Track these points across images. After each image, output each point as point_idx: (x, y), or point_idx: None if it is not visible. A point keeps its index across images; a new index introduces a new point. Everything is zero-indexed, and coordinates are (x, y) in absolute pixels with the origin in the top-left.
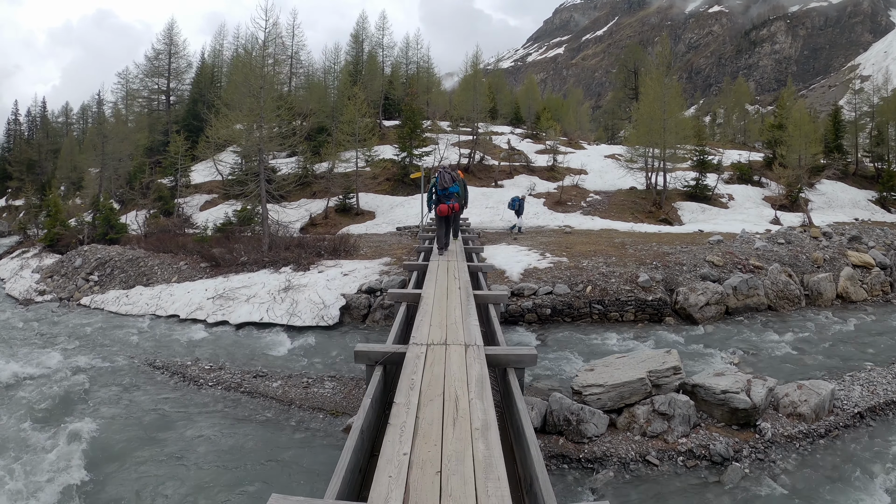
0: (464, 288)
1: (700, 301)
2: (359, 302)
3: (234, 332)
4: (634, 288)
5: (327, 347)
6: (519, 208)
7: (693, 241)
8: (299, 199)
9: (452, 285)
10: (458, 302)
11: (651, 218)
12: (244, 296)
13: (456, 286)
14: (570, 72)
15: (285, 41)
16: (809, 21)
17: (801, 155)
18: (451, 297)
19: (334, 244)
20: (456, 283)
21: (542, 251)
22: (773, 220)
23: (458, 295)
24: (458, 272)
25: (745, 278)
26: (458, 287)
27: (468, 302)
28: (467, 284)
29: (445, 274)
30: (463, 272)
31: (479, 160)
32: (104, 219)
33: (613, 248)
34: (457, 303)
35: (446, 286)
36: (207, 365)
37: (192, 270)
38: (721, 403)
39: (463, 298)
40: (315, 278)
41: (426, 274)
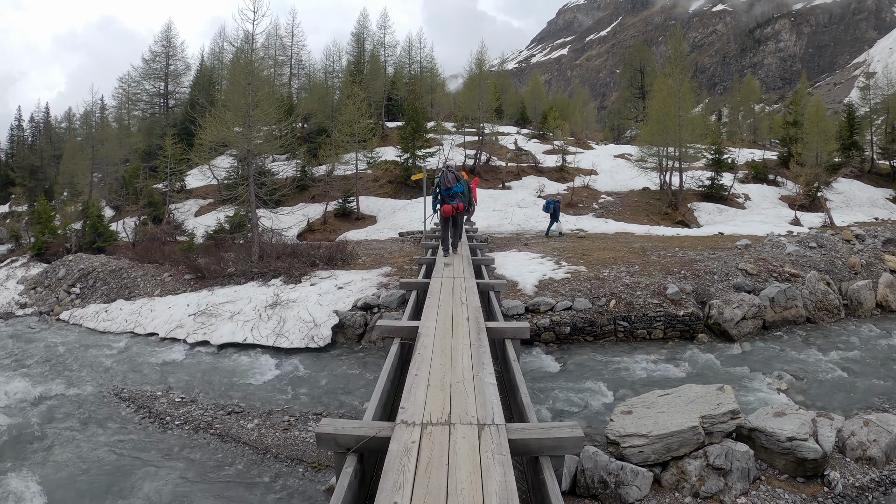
0: (473, 318)
1: (736, 315)
2: (353, 320)
3: (214, 353)
4: (663, 301)
5: (316, 374)
6: (555, 211)
7: (717, 246)
8: (297, 203)
9: (459, 314)
10: (468, 342)
11: (667, 220)
12: (228, 312)
13: (463, 315)
14: (575, 72)
15: (285, 41)
16: (814, 18)
17: (819, 152)
18: (458, 333)
19: (330, 252)
20: (463, 311)
21: (557, 258)
22: (792, 220)
23: (465, 329)
24: (466, 293)
25: (782, 288)
26: (466, 317)
27: (479, 341)
28: (477, 312)
29: (450, 296)
30: (471, 293)
31: (486, 161)
32: (92, 226)
33: (634, 255)
34: (465, 343)
35: (451, 314)
36: (178, 397)
37: (176, 283)
38: (786, 452)
39: (473, 336)
40: (306, 292)
41: (427, 296)
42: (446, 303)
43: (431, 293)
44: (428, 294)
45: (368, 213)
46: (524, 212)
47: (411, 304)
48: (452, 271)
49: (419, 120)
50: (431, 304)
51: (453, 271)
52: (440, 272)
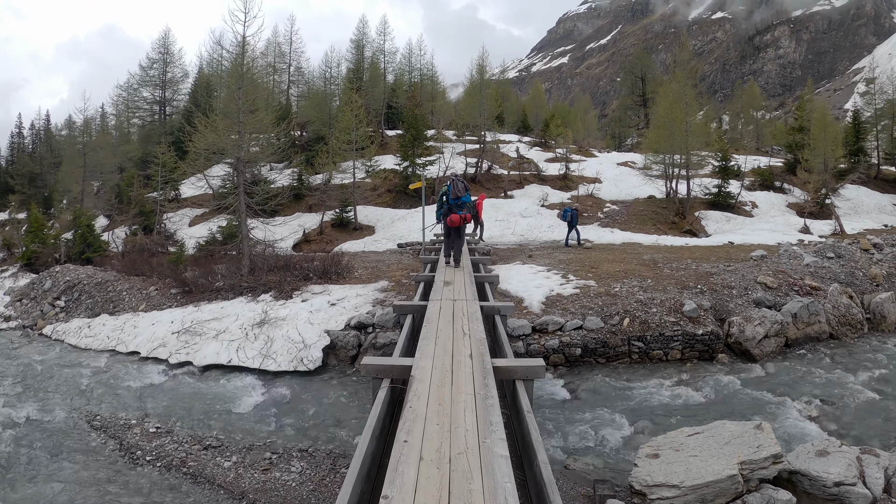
0: (477, 355)
1: (758, 333)
2: (346, 341)
3: (197, 376)
4: (680, 319)
5: (303, 402)
6: (572, 219)
7: (730, 257)
8: (294, 213)
9: (460, 348)
10: (471, 389)
11: (675, 229)
12: (213, 331)
13: (465, 350)
14: (575, 81)
15: (283, 48)
16: (813, 25)
17: (826, 158)
18: (459, 377)
19: (324, 265)
20: (465, 344)
21: (564, 272)
22: (802, 228)
23: (468, 370)
24: (468, 320)
25: (805, 303)
26: (469, 353)
27: (485, 389)
28: (481, 345)
29: (450, 323)
30: (474, 320)
31: (487, 169)
32: (81, 236)
33: (646, 268)
34: (467, 393)
35: (451, 349)
36: (154, 427)
37: (162, 297)
38: (832, 498)
39: (477, 380)
40: (296, 309)
41: (423, 322)
42: (445, 333)
43: (429, 319)
44: (425, 320)
45: (366, 223)
46: (527, 221)
47: (405, 333)
48: (453, 292)
49: (419, 127)
50: (428, 336)
51: (454, 292)
52: (439, 292)
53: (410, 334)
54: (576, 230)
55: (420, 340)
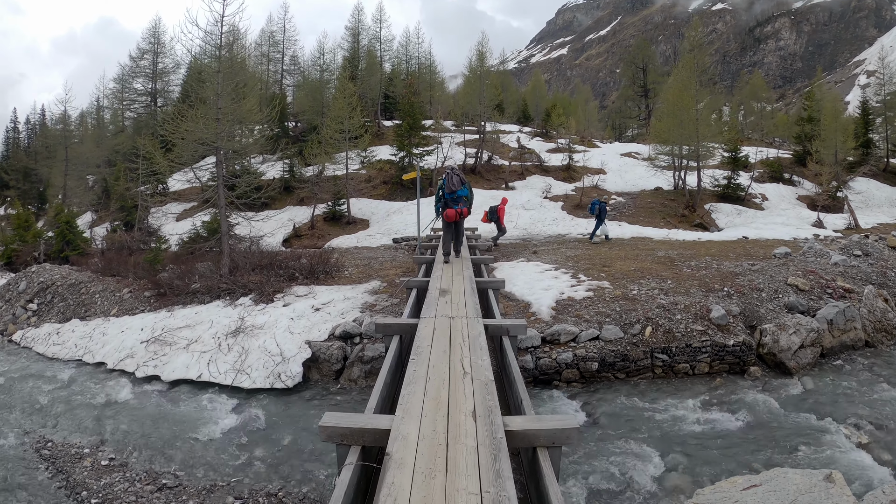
0: (483, 414)
1: (793, 343)
2: (330, 353)
3: (163, 393)
4: (708, 328)
5: (278, 428)
6: (601, 213)
7: (749, 254)
8: (285, 206)
9: (459, 399)
10: (476, 482)
11: (685, 222)
12: (184, 340)
13: (466, 402)
14: (575, 72)
15: (277, 37)
16: (814, 17)
17: (838, 149)
18: (457, 455)
19: (312, 264)
20: (466, 393)
21: (574, 271)
22: (815, 222)
23: (471, 441)
24: (471, 349)
25: (840, 308)
26: (472, 410)
27: (497, 485)
28: (488, 395)
29: (446, 354)
30: (478, 351)
31: (487, 160)
32: (60, 233)
33: (662, 266)
34: (471, 490)
35: (446, 400)
36: (107, 458)
37: (135, 300)
38: None
39: (485, 464)
40: (276, 315)
41: (412, 350)
42: (439, 371)
43: (419, 348)
44: (414, 348)
45: (360, 216)
46: (530, 214)
47: (388, 365)
48: (450, 304)
49: (416, 116)
50: (416, 377)
51: (451, 304)
52: (434, 305)
53: (395, 366)
54: (604, 224)
55: (405, 385)
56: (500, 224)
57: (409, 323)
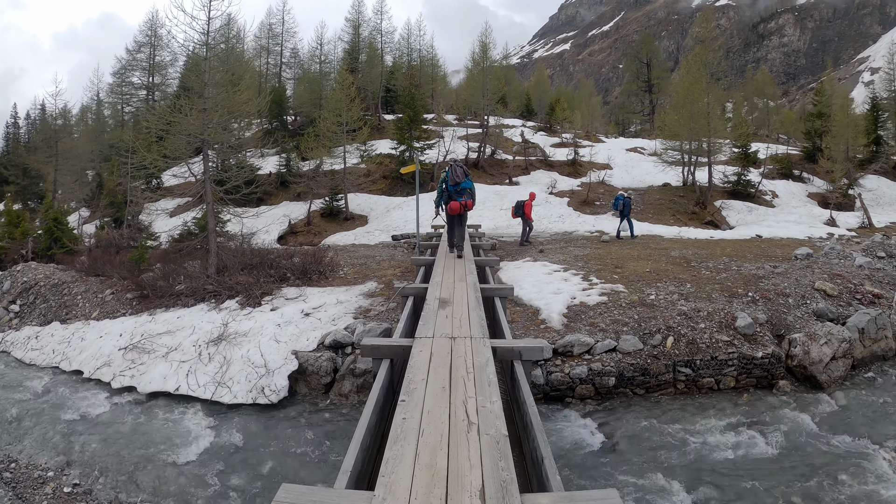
0: (496, 495)
1: (825, 354)
2: (318, 365)
3: (139, 406)
4: (734, 338)
5: (259, 450)
6: (625, 209)
7: (765, 254)
8: (281, 202)
9: (464, 467)
10: None
11: (695, 220)
12: (164, 348)
13: (472, 471)
14: (577, 67)
15: (276, 29)
16: (818, 13)
17: (849, 146)
18: None
19: (304, 263)
20: (471, 456)
21: (585, 272)
22: (827, 220)
23: None
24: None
25: (872, 315)
26: (480, 488)
27: None
28: (499, 455)
29: (445, 391)
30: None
31: (491, 154)
32: (47, 230)
33: (679, 268)
34: None
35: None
36: (72, 483)
37: (117, 303)
38: None
39: None
40: (263, 321)
41: (404, 385)
42: (437, 419)
43: (411, 383)
44: (405, 385)
45: (359, 212)
46: (535, 211)
47: (371, 407)
48: (451, 319)
49: (417, 108)
50: (406, 430)
51: (452, 319)
52: (432, 319)
53: (382, 402)
54: (629, 221)
55: (391, 442)
56: (526, 218)
57: (401, 345)
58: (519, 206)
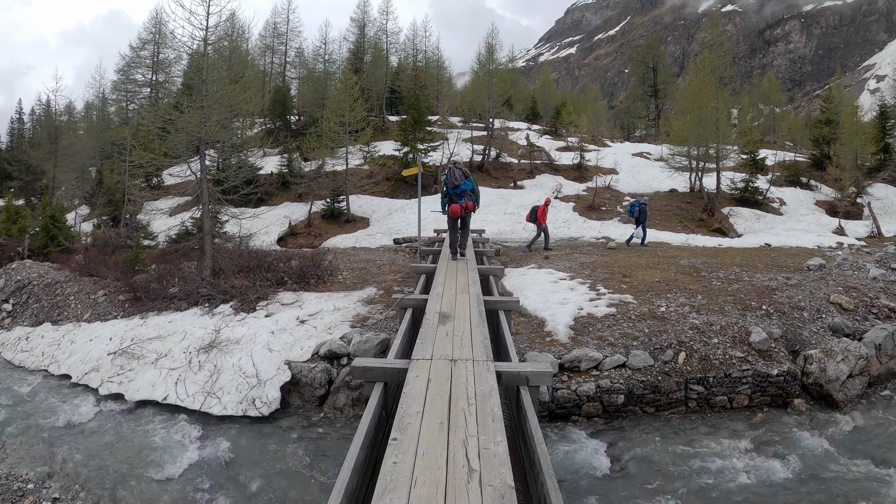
0: None
1: (841, 372)
2: (312, 376)
3: (127, 414)
4: (749, 354)
5: (248, 467)
6: (641, 215)
7: (776, 263)
8: (282, 203)
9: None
10: None
11: (703, 227)
12: (154, 353)
13: None
14: (583, 72)
15: (281, 28)
16: (824, 20)
17: (858, 153)
18: None
19: (302, 267)
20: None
21: (591, 280)
22: (836, 229)
23: None
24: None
25: (889, 331)
26: None
27: None
28: None
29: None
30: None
31: (495, 157)
32: (44, 228)
33: (689, 277)
34: None
35: None
36: (49, 499)
37: (109, 305)
38: None
39: None
40: (256, 328)
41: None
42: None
43: (404, 417)
44: (397, 419)
45: (361, 214)
46: None
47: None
48: (452, 338)
49: (421, 109)
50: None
51: (453, 338)
52: (431, 337)
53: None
54: (643, 229)
55: (377, 496)
56: (539, 224)
57: (396, 367)
58: (534, 211)
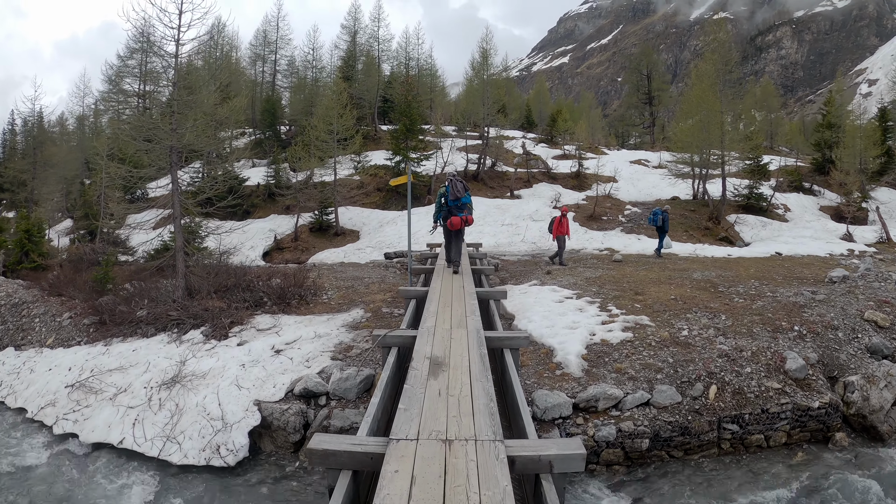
0: None
1: (885, 400)
2: (285, 419)
3: (80, 458)
4: (786, 384)
5: None
6: (664, 224)
7: (792, 274)
8: (269, 215)
9: None
10: None
11: (709, 236)
12: (113, 388)
13: None
14: (576, 80)
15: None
16: (815, 26)
17: (862, 157)
18: None
19: (284, 286)
20: None
21: (600, 298)
22: (843, 235)
23: None
24: None
25: None
26: None
27: None
28: None
29: None
30: None
31: (491, 166)
32: (17, 243)
33: (706, 294)
34: None
35: None
36: None
37: (74, 329)
38: None
39: None
40: (226, 359)
41: None
42: None
43: None
44: None
45: (350, 226)
46: (539, 226)
47: None
48: (446, 399)
49: (413, 116)
50: None
51: (447, 399)
52: (419, 398)
53: None
54: (664, 238)
55: None
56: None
57: (368, 452)
58: (552, 223)
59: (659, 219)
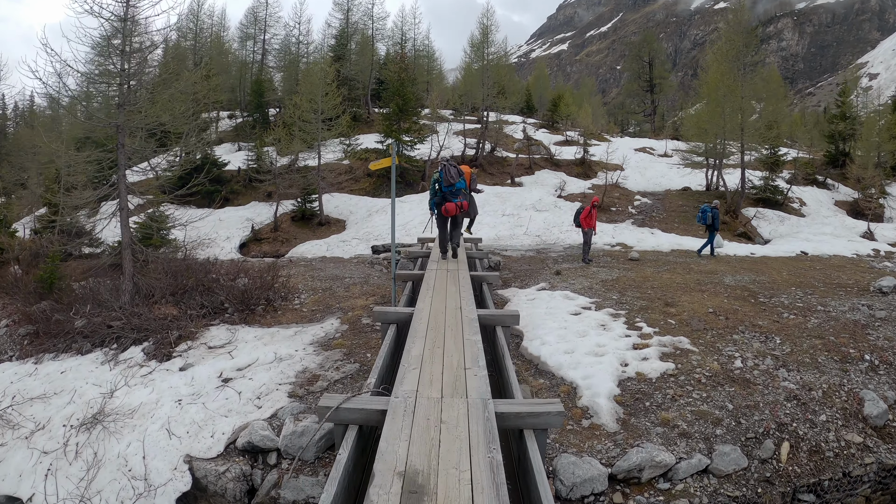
0: None
1: None
2: (223, 484)
3: None
4: (867, 435)
5: None
6: (714, 222)
7: (830, 280)
8: (249, 202)
9: None
10: None
11: (726, 231)
12: (32, 422)
13: None
14: (575, 68)
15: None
16: (816, 18)
17: (880, 151)
18: None
19: (249, 290)
20: None
21: (625, 310)
22: (864, 233)
23: None
24: None
25: None
26: None
27: None
28: None
29: None
30: None
31: (490, 151)
32: None
33: (747, 305)
34: None
35: None
36: None
37: (9, 339)
38: None
39: None
40: (161, 390)
41: None
42: None
43: None
44: None
45: (336, 215)
46: (543, 217)
47: None
48: None
49: (407, 96)
50: None
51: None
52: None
53: None
54: (716, 233)
55: None
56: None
57: None
58: (578, 213)
59: (709, 216)
